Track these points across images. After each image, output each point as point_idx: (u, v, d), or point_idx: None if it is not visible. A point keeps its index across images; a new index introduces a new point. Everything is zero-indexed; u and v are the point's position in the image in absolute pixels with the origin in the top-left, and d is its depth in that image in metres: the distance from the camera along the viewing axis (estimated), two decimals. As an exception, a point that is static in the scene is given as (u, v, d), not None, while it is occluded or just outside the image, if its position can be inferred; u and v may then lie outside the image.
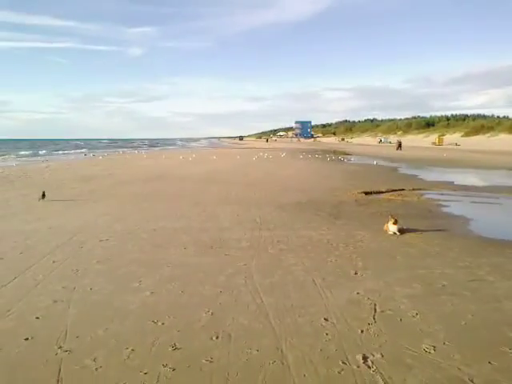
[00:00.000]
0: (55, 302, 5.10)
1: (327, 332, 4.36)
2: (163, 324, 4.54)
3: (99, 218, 10.28)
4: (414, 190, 16.26)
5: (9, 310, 4.83)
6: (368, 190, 15.78)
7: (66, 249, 7.45)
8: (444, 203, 13.18)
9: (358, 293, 5.50)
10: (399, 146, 60.62)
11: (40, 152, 59.68)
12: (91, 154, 52.51)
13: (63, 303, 5.06)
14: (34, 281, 5.80)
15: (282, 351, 3.97)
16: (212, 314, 4.82)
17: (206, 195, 14.42)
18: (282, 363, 3.76)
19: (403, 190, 16.18)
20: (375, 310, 4.98)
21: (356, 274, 6.28)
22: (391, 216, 9.25)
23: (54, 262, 6.69)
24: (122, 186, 17.07)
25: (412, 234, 8.82)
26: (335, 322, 4.62)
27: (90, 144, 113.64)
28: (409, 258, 7.14)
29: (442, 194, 15.26)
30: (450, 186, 17.96)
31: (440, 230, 9.28)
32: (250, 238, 8.32)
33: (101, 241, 8.01)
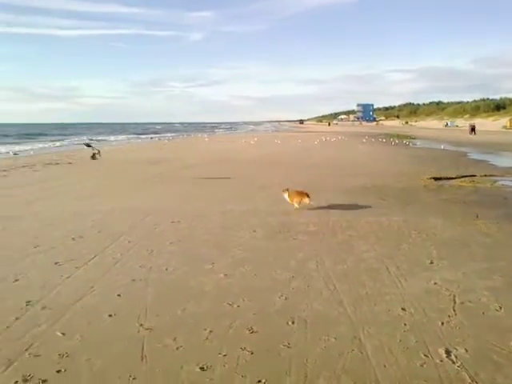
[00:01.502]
0: (133, 280, 5.29)
1: (405, 322, 4.23)
2: (238, 307, 4.59)
3: (169, 200, 10.56)
4: (485, 176, 15.44)
5: (92, 287, 5.06)
6: (437, 175, 15.15)
7: (139, 229, 7.71)
8: (521, 190, 12.46)
9: (435, 283, 5.29)
10: (472, 129, 56.19)
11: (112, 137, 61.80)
12: (156, 138, 53.96)
13: (141, 282, 5.24)
14: (112, 259, 6.05)
15: (359, 340, 3.90)
16: (286, 298, 4.81)
17: (270, 179, 14.42)
18: (361, 352, 3.69)
19: (474, 176, 15.40)
20: (454, 301, 4.76)
21: (431, 263, 6.04)
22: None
23: (129, 241, 6.93)
24: (188, 169, 17.42)
25: (488, 223, 8.37)
26: (413, 311, 4.47)
27: (154, 128, 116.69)
28: (486, 248, 6.79)
29: (517, 181, 14.43)
30: (527, 171, 16.95)
31: (519, 219, 8.77)
32: (318, 223, 8.23)
33: (172, 222, 8.22)
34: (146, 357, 3.62)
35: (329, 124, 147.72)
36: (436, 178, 14.58)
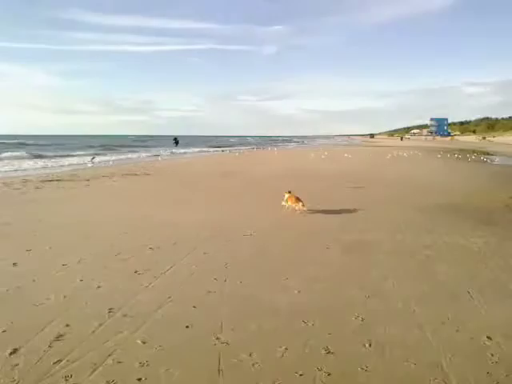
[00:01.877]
0: (209, 292, 5.37)
1: (492, 353, 3.99)
2: (313, 325, 4.53)
3: (240, 213, 10.68)
4: None
5: (169, 297, 5.19)
6: (520, 194, 14.28)
7: (213, 242, 7.84)
8: None
9: (523, 313, 4.97)
10: None
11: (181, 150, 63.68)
12: (227, 151, 55.05)
13: (216, 294, 5.31)
14: (188, 270, 6.19)
15: (442, 368, 3.71)
16: (362, 319, 4.69)
17: (341, 194, 14.23)
18: (445, 382, 3.51)
19: (563, 196, 14.37)
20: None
21: (518, 289, 5.69)
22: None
23: (204, 253, 7.07)
24: (259, 182, 17.57)
25: None
26: (500, 342, 4.20)
27: (226, 140, 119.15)
28: None
29: None
30: None
31: None
32: (392, 241, 8.00)
33: (245, 236, 8.30)
34: (223, 371, 3.65)
35: (401, 138, 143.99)
36: (519, 197, 13.74)
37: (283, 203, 10.95)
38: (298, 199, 10.67)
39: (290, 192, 11.10)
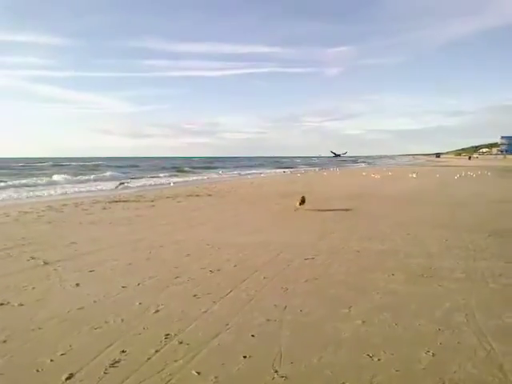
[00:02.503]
0: (268, 320, 5.16)
1: None
2: (379, 360, 4.20)
3: (302, 235, 10.43)
4: None
5: (227, 324, 5.03)
6: None
7: (274, 265, 7.64)
8: None
9: None
10: None
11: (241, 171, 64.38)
12: (289, 171, 55.00)
13: (276, 323, 5.09)
14: (247, 295, 6.02)
15: (528, 417, 3.29)
16: (433, 355, 4.30)
17: (407, 216, 13.62)
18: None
19: None
20: None
21: None
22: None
23: (264, 277, 6.88)
24: (321, 202, 17.23)
25: None
26: None
27: (292, 161, 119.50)
28: None
29: None
30: None
31: None
32: (465, 268, 7.43)
33: (306, 259, 8.04)
34: (281, 408, 3.42)
35: (469, 158, 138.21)
36: None
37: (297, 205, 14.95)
38: (302, 201, 14.98)
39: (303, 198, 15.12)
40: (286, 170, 61.85)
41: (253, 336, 4.73)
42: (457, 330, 4.91)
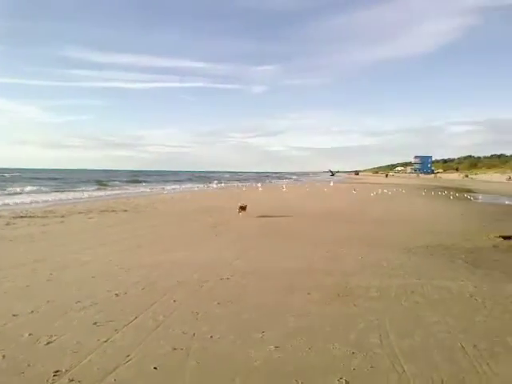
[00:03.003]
0: (174, 349, 4.74)
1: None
2: (291, 390, 3.93)
3: (220, 253, 10.09)
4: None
5: (128, 356, 4.55)
6: (505, 233, 13.90)
7: (186, 287, 7.22)
8: None
9: (526, 371, 4.44)
10: None
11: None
12: (213, 185, 54.64)
13: (182, 352, 4.68)
14: (154, 322, 5.54)
15: None
16: (346, 382, 4.11)
17: (325, 233, 13.73)
18: None
19: (549, 236, 14.07)
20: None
21: (516, 343, 5.17)
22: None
23: (174, 301, 6.44)
24: (241, 219, 17.01)
25: None
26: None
27: (210, 176, 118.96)
28: None
29: None
30: None
31: None
32: (379, 286, 7.45)
33: (221, 279, 7.69)
34: None
35: (386, 175, 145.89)
36: (505, 237, 13.34)
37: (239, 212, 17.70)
38: (243, 208, 17.90)
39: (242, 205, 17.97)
40: (209, 184, 61.37)
41: (155, 369, 4.29)
42: (370, 352, 4.78)
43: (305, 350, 4.82)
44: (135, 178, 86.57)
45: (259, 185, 56.65)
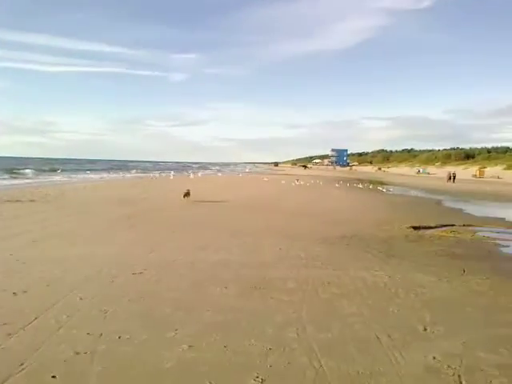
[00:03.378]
0: (77, 353, 4.32)
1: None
2: (205, 392, 3.70)
3: (134, 246, 9.61)
4: (464, 225, 15.04)
5: (22, 364, 4.06)
6: (416, 224, 14.64)
7: (95, 282, 6.73)
8: (502, 242, 11.95)
9: (434, 357, 4.54)
10: (451, 177, 55.02)
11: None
12: (129, 175, 52.87)
13: (86, 356, 4.27)
14: (56, 323, 5.06)
15: None
16: (262, 381, 3.94)
17: (244, 224, 13.62)
18: None
19: (453, 225, 15.03)
20: (461, 383, 4.03)
21: (425, 329, 5.31)
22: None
23: (80, 298, 5.95)
24: (158, 211, 16.48)
25: (478, 280, 7.74)
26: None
27: (129, 165, 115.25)
28: (482, 310, 6.12)
29: (497, 233, 13.94)
30: (503, 222, 16.57)
31: (507, 276, 8.21)
32: (297, 278, 7.43)
33: (134, 274, 7.27)
34: None
35: (305, 167, 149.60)
36: (415, 227, 14.08)
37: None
38: (187, 194, 19.86)
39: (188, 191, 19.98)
40: (126, 173, 59.34)
41: (54, 377, 3.86)
42: (287, 348, 4.67)
43: (220, 347, 4.61)
44: (49, 166, 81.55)
45: (171, 174, 55.71)
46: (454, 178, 55.36)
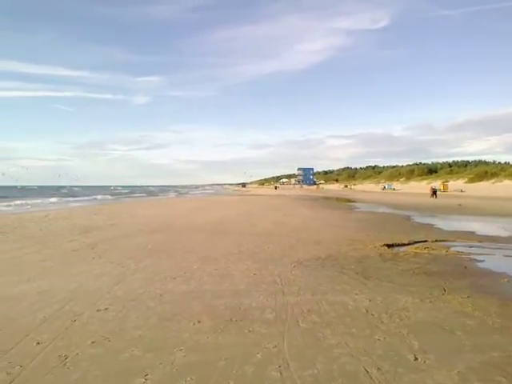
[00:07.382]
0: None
1: None
2: None
3: (98, 278, 8.97)
4: (437, 241, 15.00)
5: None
6: (389, 241, 14.50)
7: (55, 323, 6.11)
8: (477, 257, 11.84)
9: (429, 391, 4.19)
10: (434, 193, 55.79)
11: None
12: (92, 202, 51.53)
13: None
14: (7, 376, 4.45)
15: None
16: None
17: (214, 249, 13.11)
18: None
19: (426, 241, 14.96)
20: (462, 420, 3.68)
21: (416, 359, 4.96)
22: None
23: (38, 343, 5.35)
24: (124, 238, 15.78)
25: (459, 299, 7.50)
26: None
27: (93, 191, 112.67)
28: (470, 333, 5.83)
29: (470, 247, 13.88)
30: (473, 236, 16.57)
31: (488, 292, 8.00)
32: (275, 306, 6.99)
33: (98, 311, 6.69)
34: None
35: (275, 187, 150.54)
36: (389, 245, 13.90)
37: None
38: None
39: None
40: (87, 200, 57.78)
41: None
42: (270, 391, 4.22)
43: (194, 396, 4.12)
44: (8, 193, 78.69)
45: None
46: (435, 193, 56.11)
